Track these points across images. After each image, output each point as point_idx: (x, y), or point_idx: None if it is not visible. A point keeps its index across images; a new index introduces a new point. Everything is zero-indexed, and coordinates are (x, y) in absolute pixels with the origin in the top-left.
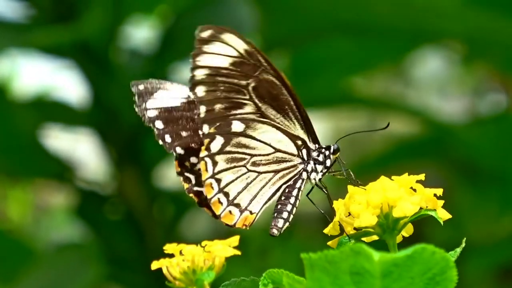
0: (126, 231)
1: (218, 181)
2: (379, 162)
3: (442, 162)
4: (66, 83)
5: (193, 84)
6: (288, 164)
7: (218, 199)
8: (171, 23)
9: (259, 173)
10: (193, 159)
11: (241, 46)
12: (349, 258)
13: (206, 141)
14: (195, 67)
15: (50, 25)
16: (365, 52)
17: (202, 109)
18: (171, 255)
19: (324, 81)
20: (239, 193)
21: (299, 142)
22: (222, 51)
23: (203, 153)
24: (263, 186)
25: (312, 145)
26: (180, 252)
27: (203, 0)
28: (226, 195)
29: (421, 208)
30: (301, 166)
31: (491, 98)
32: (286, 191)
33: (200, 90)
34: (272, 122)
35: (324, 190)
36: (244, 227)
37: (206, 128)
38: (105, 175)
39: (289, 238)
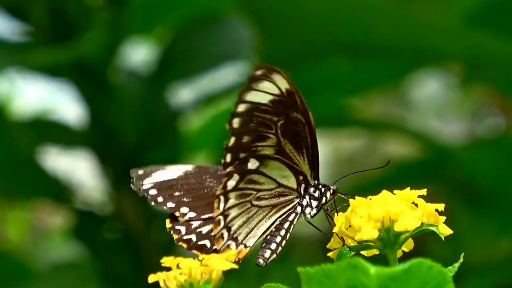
0: (123, 251)
1: (225, 216)
2: (378, 184)
3: (441, 184)
4: (64, 103)
5: (232, 116)
6: (286, 198)
7: (222, 234)
8: (169, 44)
9: (260, 207)
10: (184, 209)
11: (284, 85)
12: (346, 272)
13: (224, 180)
14: (240, 102)
15: (48, 45)
16: (364, 73)
17: (232, 139)
18: (168, 268)
19: (323, 101)
20: (239, 227)
21: (301, 177)
22: (267, 89)
23: (219, 191)
24: (260, 220)
25: (311, 181)
26: (177, 266)
27: (201, 21)
28: (229, 229)
29: (422, 223)
30: (296, 200)
31: (489, 121)
32: (278, 222)
33: (236, 122)
34: (283, 159)
35: (329, 219)
36: (237, 260)
37: (228, 157)
38: (103, 195)
39: (288, 259)
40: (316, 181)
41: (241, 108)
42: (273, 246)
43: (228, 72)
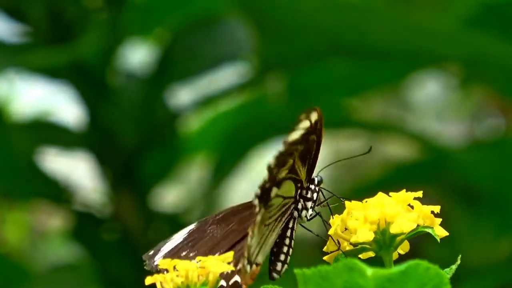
0: (122, 252)
1: (248, 248)
2: (377, 186)
3: (440, 186)
4: (63, 105)
5: (270, 157)
6: (285, 207)
7: (244, 264)
8: (168, 45)
9: (268, 225)
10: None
11: (315, 118)
12: (342, 274)
13: (254, 219)
14: (283, 143)
15: (47, 46)
16: (362, 75)
17: (265, 176)
18: (165, 270)
19: (322, 103)
20: (254, 249)
21: (299, 185)
22: (304, 125)
23: (251, 229)
24: (267, 235)
25: (305, 184)
26: (174, 268)
27: (200, 22)
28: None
29: (418, 225)
30: (292, 206)
31: (489, 122)
32: (281, 233)
33: (272, 160)
34: (293, 176)
35: (324, 222)
36: (251, 281)
37: (258, 191)
38: (102, 197)
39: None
40: (308, 184)
41: (279, 148)
42: (282, 257)
43: (227, 74)
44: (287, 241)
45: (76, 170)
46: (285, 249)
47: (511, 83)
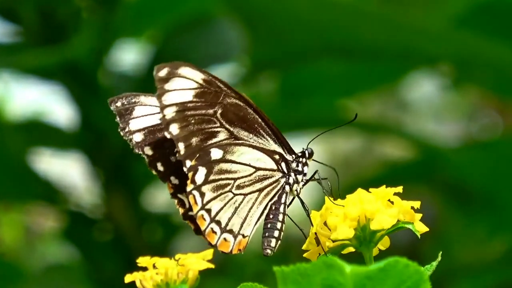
0: (114, 253)
1: (208, 211)
2: (371, 185)
3: (434, 186)
4: (56, 106)
5: (165, 124)
6: (271, 180)
7: (212, 229)
8: (159, 47)
9: (245, 195)
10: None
11: (199, 76)
12: (321, 271)
13: (190, 174)
14: (163, 107)
15: (39, 47)
16: (355, 75)
17: (181, 146)
18: (144, 268)
19: (314, 103)
20: (229, 219)
21: (277, 156)
22: (182, 85)
23: (189, 187)
24: (251, 207)
25: (289, 157)
26: (154, 265)
27: (192, 23)
28: (218, 223)
29: (398, 221)
30: (283, 180)
31: (486, 122)
32: (273, 208)
33: (174, 128)
34: (247, 142)
35: (304, 205)
36: (239, 251)
37: (188, 163)
38: (94, 197)
39: (285, 262)
40: (293, 155)
41: (170, 113)
42: (276, 233)
43: (219, 74)
44: (280, 217)
45: (69, 171)
46: (278, 225)
47: (503, 83)
